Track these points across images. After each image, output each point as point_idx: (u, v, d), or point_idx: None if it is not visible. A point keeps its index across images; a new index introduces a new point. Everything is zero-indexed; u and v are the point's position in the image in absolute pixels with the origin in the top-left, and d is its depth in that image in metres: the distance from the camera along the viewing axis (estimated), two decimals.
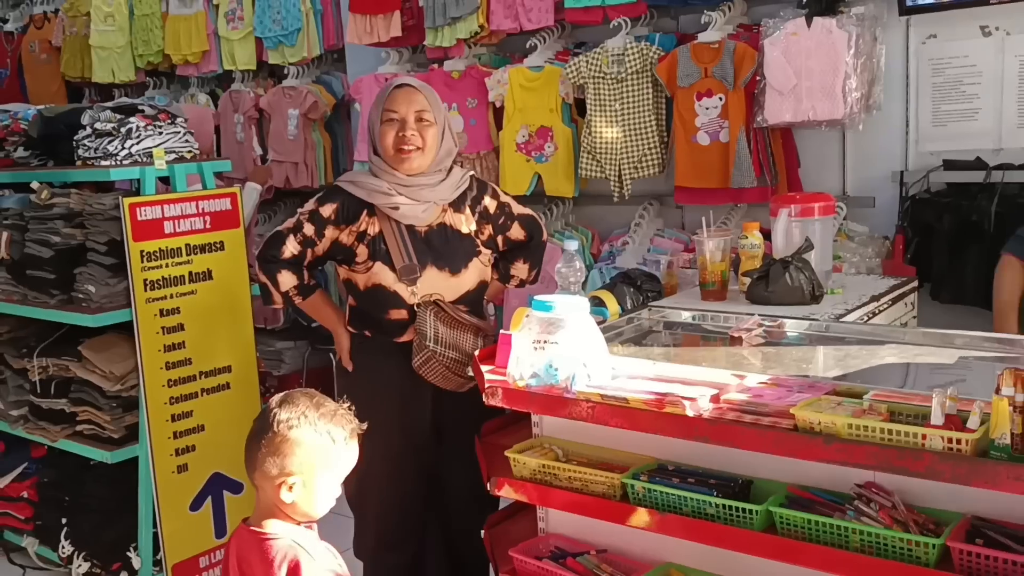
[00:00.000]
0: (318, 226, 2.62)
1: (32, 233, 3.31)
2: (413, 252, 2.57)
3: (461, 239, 2.63)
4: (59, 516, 3.43)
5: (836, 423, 1.65)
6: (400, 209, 2.56)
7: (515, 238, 2.74)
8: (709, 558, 2.00)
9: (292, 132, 4.84)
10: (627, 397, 1.87)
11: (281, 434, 1.78)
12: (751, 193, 3.54)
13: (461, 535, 2.76)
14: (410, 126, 2.55)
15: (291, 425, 1.78)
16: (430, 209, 2.60)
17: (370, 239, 2.58)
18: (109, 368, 3.22)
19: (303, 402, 1.82)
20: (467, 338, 2.61)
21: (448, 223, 2.63)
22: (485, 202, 2.68)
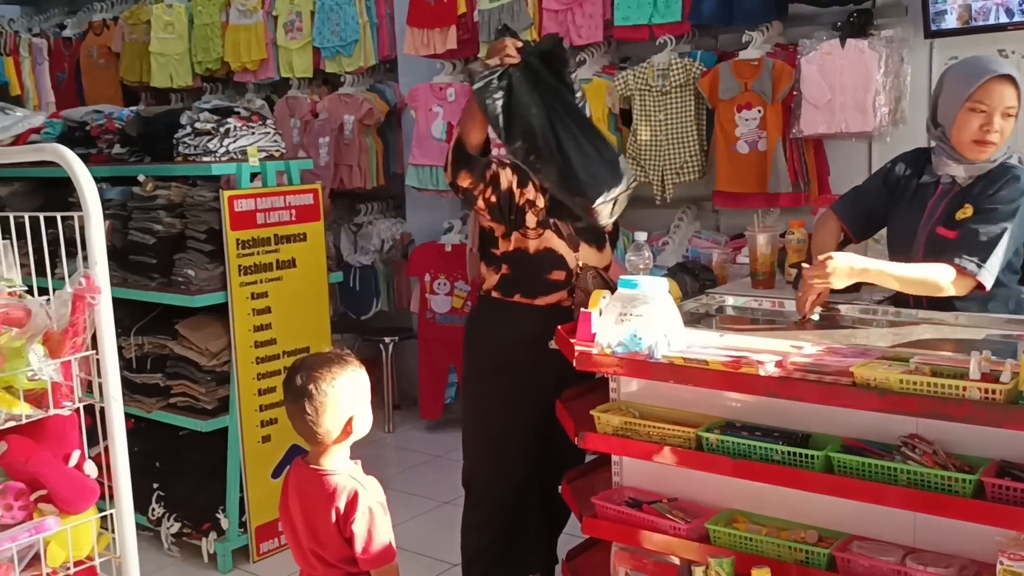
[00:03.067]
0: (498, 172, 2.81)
1: (135, 222, 3.63)
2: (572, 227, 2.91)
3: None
4: (150, 482, 3.74)
5: (889, 378, 1.98)
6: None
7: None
8: (768, 504, 2.32)
9: (347, 136, 5.17)
10: (707, 359, 2.20)
11: (324, 393, 2.02)
12: (786, 198, 3.88)
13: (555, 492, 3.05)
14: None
15: (330, 381, 2.04)
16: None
17: (539, 210, 2.85)
18: (205, 345, 3.54)
19: (318, 362, 2.07)
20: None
21: None
22: None
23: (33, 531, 1.69)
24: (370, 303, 5.30)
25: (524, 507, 2.98)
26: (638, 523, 2.40)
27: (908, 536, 2.14)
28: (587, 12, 4.28)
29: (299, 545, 2.13)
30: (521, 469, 2.94)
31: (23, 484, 1.74)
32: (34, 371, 1.70)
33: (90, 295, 1.75)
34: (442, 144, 4.76)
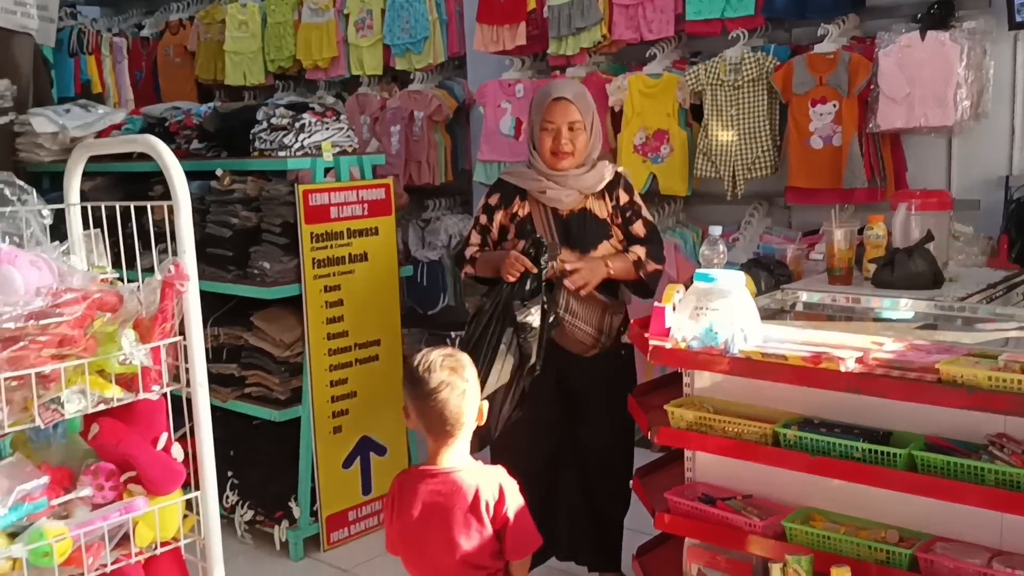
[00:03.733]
0: (489, 214, 3.09)
1: (213, 215, 3.71)
2: (556, 233, 2.94)
3: (597, 223, 2.99)
4: (224, 470, 3.81)
5: (978, 375, 1.93)
6: (547, 193, 2.97)
7: (636, 234, 3.06)
8: (846, 502, 2.28)
9: (417, 133, 5.21)
10: (786, 354, 2.17)
11: (467, 381, 2.08)
12: (860, 194, 3.81)
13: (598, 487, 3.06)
14: (564, 136, 2.95)
15: (469, 370, 2.09)
16: (573, 195, 2.98)
17: (520, 220, 3.01)
18: (280, 337, 3.61)
19: (447, 354, 2.10)
20: (593, 311, 2.97)
21: (588, 208, 3.00)
22: (620, 193, 3.03)
23: (123, 511, 1.74)
24: (437, 298, 5.33)
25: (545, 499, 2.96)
26: (713, 519, 2.38)
27: (994, 538, 2.08)
28: (658, 7, 4.25)
29: (429, 556, 2.03)
30: (532, 460, 2.94)
31: (113, 465, 1.79)
32: (125, 355, 1.75)
33: (179, 282, 1.80)
34: (510, 140, 4.78)
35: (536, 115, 3.00)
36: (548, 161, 2.98)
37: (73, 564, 1.68)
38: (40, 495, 1.68)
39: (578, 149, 2.95)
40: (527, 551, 2.05)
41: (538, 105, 3.01)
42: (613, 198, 3.01)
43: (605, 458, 3.08)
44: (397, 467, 3.87)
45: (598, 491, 3.08)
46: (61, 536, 1.64)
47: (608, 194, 3.01)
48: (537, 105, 3.02)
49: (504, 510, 2.02)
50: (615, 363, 3.04)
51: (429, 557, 2.02)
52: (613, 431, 3.06)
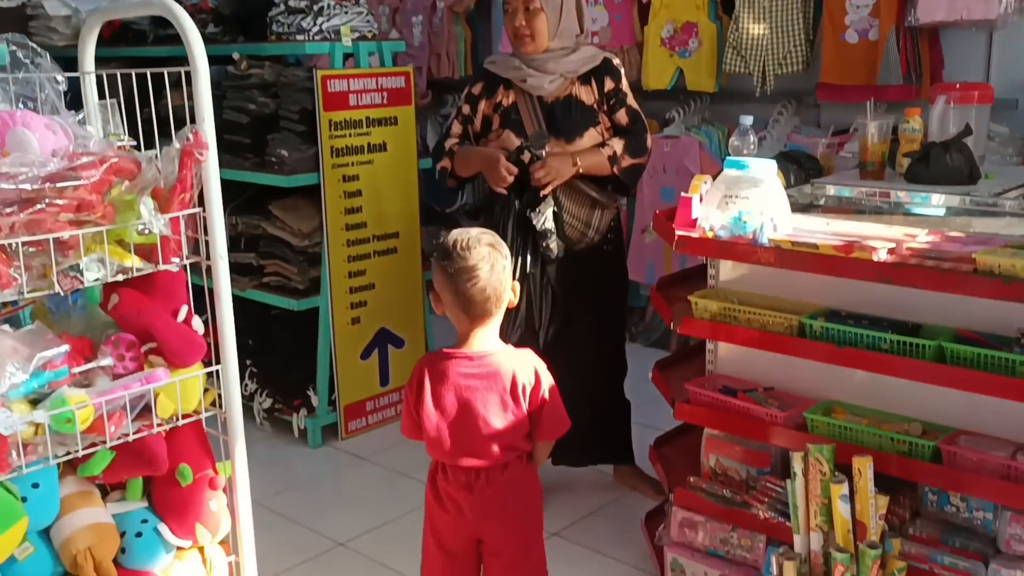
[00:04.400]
0: (472, 104, 3.01)
1: (229, 101, 3.64)
2: (543, 121, 2.88)
3: (582, 109, 2.91)
4: (243, 358, 3.80)
5: (1016, 265, 1.87)
6: (528, 81, 2.88)
7: (618, 122, 2.96)
8: (869, 395, 2.26)
9: (437, 24, 5.07)
10: (816, 243, 2.12)
11: (506, 257, 2.02)
12: (895, 91, 3.69)
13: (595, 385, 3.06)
14: (519, 17, 2.85)
15: (503, 249, 2.04)
16: (556, 81, 2.89)
17: (504, 109, 2.94)
18: (298, 226, 3.57)
19: (482, 233, 2.02)
20: (582, 205, 2.92)
21: (574, 94, 2.92)
22: (605, 79, 2.93)
23: (144, 381, 1.74)
24: (455, 195, 5.26)
25: None
26: (733, 410, 2.37)
27: (1020, 432, 2.06)
28: None
29: (462, 439, 1.99)
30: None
31: (133, 336, 1.78)
32: (144, 225, 1.71)
33: (198, 151, 1.75)
34: None
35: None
36: (513, 44, 2.91)
37: (95, 432, 1.68)
38: (61, 363, 1.67)
39: (537, 31, 2.85)
40: (559, 433, 2.04)
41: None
42: (599, 85, 2.92)
43: (598, 356, 3.06)
44: (415, 360, 3.86)
45: (596, 390, 3.07)
46: (83, 403, 1.64)
47: (595, 80, 2.92)
48: None
49: (540, 394, 2.00)
50: (601, 258, 2.99)
51: (461, 440, 1.99)
52: (604, 328, 3.05)
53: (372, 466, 3.51)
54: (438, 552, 2.09)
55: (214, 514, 1.86)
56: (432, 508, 2.07)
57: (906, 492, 2.21)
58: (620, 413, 3.17)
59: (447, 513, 2.05)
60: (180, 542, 1.84)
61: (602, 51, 2.98)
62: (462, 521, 2.05)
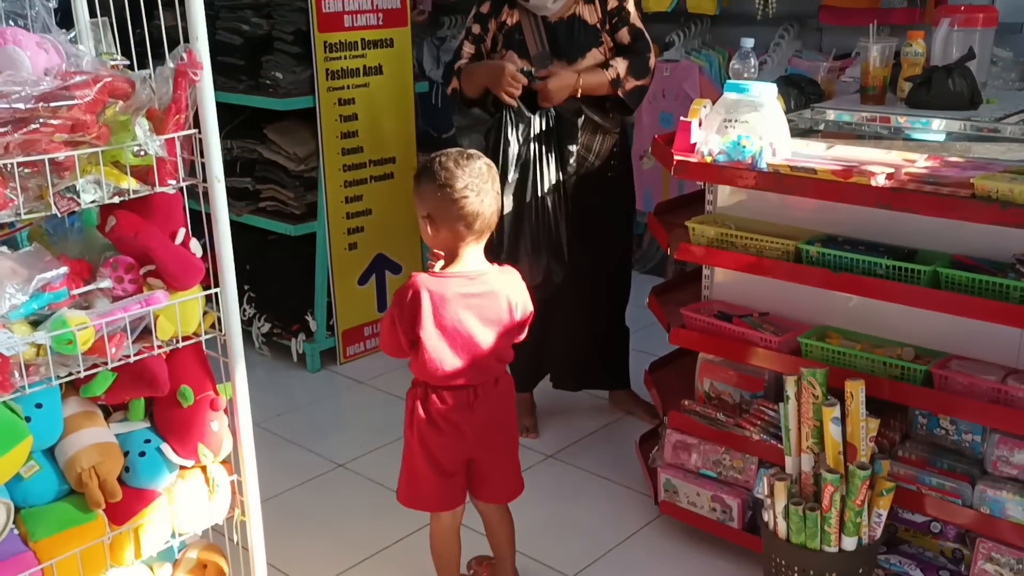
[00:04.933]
0: (482, 23, 2.96)
1: (222, 22, 3.58)
2: (546, 41, 2.84)
3: (586, 29, 2.88)
4: (240, 283, 3.80)
5: (1014, 190, 1.87)
6: (531, 0, 2.83)
7: (620, 40, 2.92)
8: (865, 321, 2.28)
9: None
10: (815, 168, 2.11)
11: (497, 180, 2.08)
12: (899, 14, 3.64)
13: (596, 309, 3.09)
14: None
15: (495, 174, 2.08)
16: (560, 0, 2.83)
17: (508, 29, 2.90)
18: (293, 150, 3.54)
19: (479, 154, 2.09)
20: (584, 130, 2.90)
21: (578, 13, 2.88)
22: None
23: (144, 303, 1.74)
24: (451, 121, 5.22)
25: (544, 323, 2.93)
26: (728, 335, 2.39)
27: (1011, 357, 2.09)
28: None
29: (457, 353, 2.03)
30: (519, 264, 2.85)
31: (132, 259, 1.78)
32: (139, 146, 1.70)
33: (192, 71, 1.73)
34: None
35: None
36: None
37: (96, 353, 1.69)
38: (60, 285, 1.67)
39: None
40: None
41: None
42: (603, 3, 2.88)
43: (601, 283, 3.07)
44: None
45: (597, 316, 3.10)
46: (83, 325, 1.64)
47: (598, 0, 2.88)
48: None
49: (527, 309, 2.10)
50: (605, 184, 2.98)
51: (462, 359, 2.03)
52: (608, 253, 3.05)
53: (370, 390, 3.55)
54: (433, 475, 2.12)
55: (216, 434, 1.88)
56: (425, 432, 2.08)
57: (897, 415, 2.25)
58: (620, 339, 3.20)
59: (443, 435, 2.08)
60: (183, 461, 1.86)
61: None
62: (460, 441, 2.09)
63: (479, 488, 2.20)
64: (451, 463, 2.12)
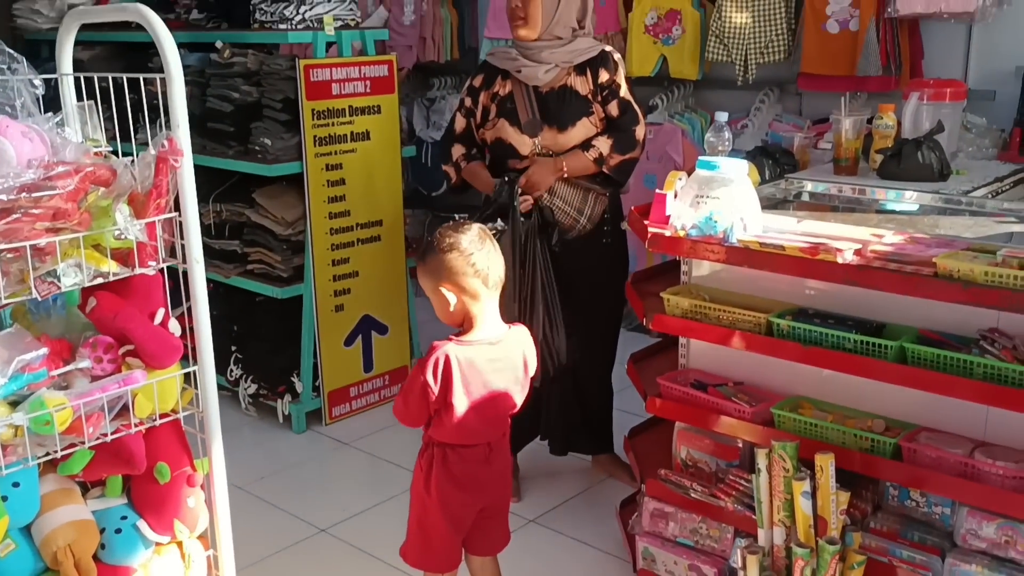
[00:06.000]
0: (473, 96, 3.05)
1: (213, 89, 3.65)
2: (537, 110, 2.91)
3: (577, 99, 2.94)
4: (228, 344, 3.87)
5: (974, 270, 1.92)
6: (523, 71, 2.92)
7: (610, 113, 2.98)
8: (836, 392, 2.32)
9: (423, 7, 5.07)
10: (783, 245, 2.16)
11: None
12: (874, 82, 3.73)
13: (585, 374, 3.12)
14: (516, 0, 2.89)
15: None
16: (552, 71, 2.91)
17: (500, 99, 2.98)
18: (281, 214, 3.60)
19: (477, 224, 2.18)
20: (575, 193, 2.96)
21: (569, 84, 2.95)
22: (600, 71, 2.95)
23: (122, 383, 1.77)
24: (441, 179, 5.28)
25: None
26: (703, 404, 2.42)
27: (979, 430, 2.12)
28: None
29: (486, 416, 2.10)
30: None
31: (111, 339, 1.82)
32: (120, 230, 1.74)
33: (173, 157, 1.78)
34: None
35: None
36: (511, 29, 2.95)
37: (74, 433, 1.72)
38: (40, 365, 1.71)
39: (530, 15, 2.87)
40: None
41: None
42: (594, 76, 2.95)
43: (590, 348, 3.10)
44: (399, 346, 3.93)
45: (585, 381, 3.13)
46: (61, 405, 1.67)
47: (590, 71, 2.95)
48: None
49: (535, 363, 2.22)
50: (599, 249, 3.03)
51: (488, 419, 2.11)
52: (598, 318, 3.09)
53: (355, 452, 3.56)
54: (450, 534, 2.17)
55: (192, 510, 1.91)
56: (447, 491, 2.12)
57: (869, 486, 2.27)
58: (605, 403, 3.23)
59: (465, 491, 2.14)
60: (159, 538, 1.89)
61: (600, 44, 2.99)
62: (480, 496, 2.17)
63: (478, 541, 2.25)
64: (469, 518, 2.19)
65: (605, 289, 3.07)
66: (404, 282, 3.91)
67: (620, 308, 3.20)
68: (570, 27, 2.94)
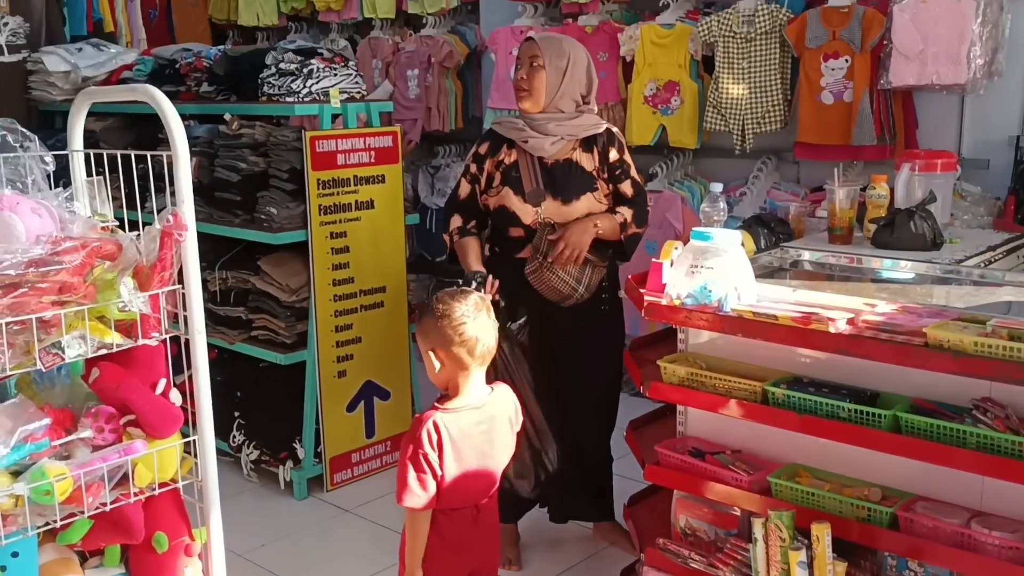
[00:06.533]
0: (478, 163, 3.09)
1: (221, 159, 3.74)
2: (541, 180, 2.96)
3: (582, 174, 3.00)
4: (231, 411, 3.90)
5: (964, 340, 1.95)
6: (529, 142, 2.97)
7: (623, 193, 3.06)
8: (833, 460, 2.32)
9: (428, 79, 5.19)
10: (776, 314, 2.19)
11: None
12: (870, 151, 3.79)
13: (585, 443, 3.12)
14: (522, 71, 2.98)
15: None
16: (559, 144, 2.97)
17: (505, 167, 3.02)
18: (286, 281, 3.65)
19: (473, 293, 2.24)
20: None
21: (575, 159, 3.00)
22: (611, 150, 3.02)
23: (122, 453, 1.80)
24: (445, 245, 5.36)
25: (533, 455, 3.02)
26: (700, 473, 2.43)
27: (975, 499, 2.12)
28: None
29: (477, 481, 2.14)
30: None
31: (113, 408, 1.85)
32: (124, 303, 1.79)
33: (177, 232, 1.83)
34: None
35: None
36: (516, 100, 3.02)
37: (74, 502, 1.74)
38: (42, 436, 1.74)
39: (534, 88, 2.94)
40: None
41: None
42: (603, 154, 3.00)
43: (588, 411, 3.12)
44: (401, 412, 3.95)
45: (584, 445, 3.13)
46: (62, 476, 1.70)
47: (597, 149, 3.00)
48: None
49: (520, 420, 2.27)
50: (597, 317, 3.05)
51: (478, 483, 2.14)
52: (596, 385, 3.11)
53: (356, 519, 3.56)
54: None
55: None
56: (442, 554, 2.14)
57: (867, 556, 2.26)
58: (604, 470, 3.23)
59: (456, 553, 2.16)
60: None
61: (603, 121, 3.06)
62: (469, 557, 2.19)
63: None
64: None
65: (603, 356, 3.10)
66: (406, 347, 3.94)
67: (619, 375, 3.22)
68: (574, 101, 3.00)
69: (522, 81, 2.97)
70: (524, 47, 3.01)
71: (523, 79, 2.96)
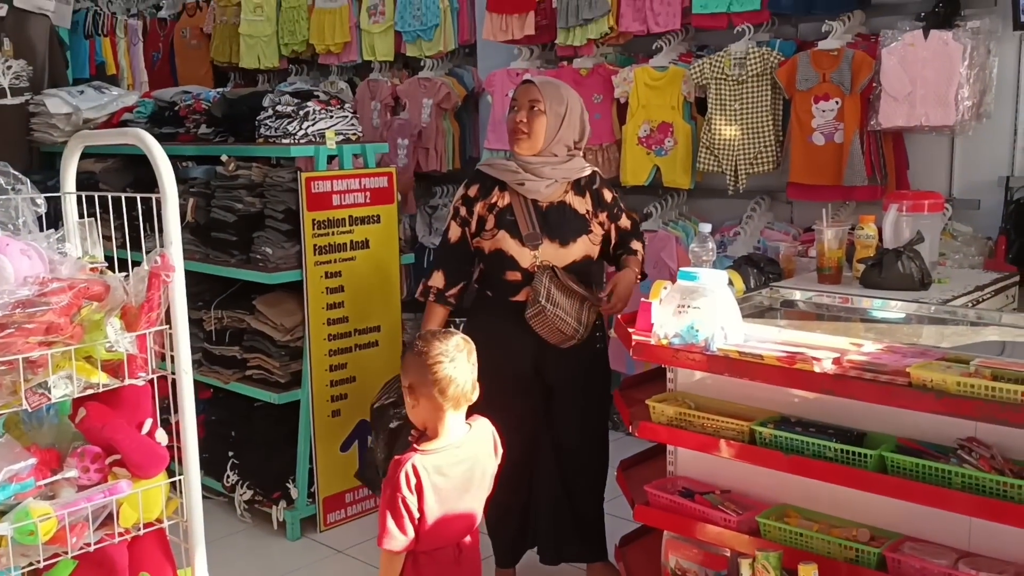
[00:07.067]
0: (468, 205, 3.08)
1: (218, 200, 3.77)
2: (537, 223, 2.97)
3: (576, 216, 3.02)
4: (225, 450, 3.89)
5: (947, 380, 1.95)
6: (525, 185, 2.98)
7: (623, 227, 3.12)
8: (821, 500, 2.32)
9: (425, 120, 5.25)
10: (762, 354, 2.20)
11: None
12: (861, 191, 3.82)
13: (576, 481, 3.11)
14: (521, 114, 2.99)
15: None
16: (553, 186, 2.99)
17: (499, 210, 3.01)
18: (280, 321, 3.67)
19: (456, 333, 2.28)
20: (573, 303, 2.98)
21: (568, 202, 3.02)
22: (604, 192, 3.07)
23: (107, 493, 1.81)
24: None
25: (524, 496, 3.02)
26: (690, 513, 2.42)
27: (963, 540, 2.12)
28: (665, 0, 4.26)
29: (458, 520, 2.16)
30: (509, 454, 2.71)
31: (99, 448, 1.86)
32: (111, 343, 1.81)
33: (165, 273, 1.86)
34: None
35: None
36: (509, 139, 3.02)
37: (57, 542, 1.75)
38: (27, 476, 1.75)
39: (534, 131, 2.95)
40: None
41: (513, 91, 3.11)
42: (596, 195, 3.03)
43: (581, 451, 3.11)
44: None
45: (576, 486, 3.13)
46: (46, 516, 1.71)
47: (589, 192, 3.03)
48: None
49: (500, 455, 2.28)
50: (590, 355, 3.06)
51: (459, 522, 2.15)
52: (588, 423, 3.10)
53: (349, 560, 3.54)
54: None
55: None
56: None
57: None
58: (596, 510, 3.22)
59: None
60: None
61: (588, 164, 3.09)
62: None
63: None
64: None
65: (596, 395, 3.10)
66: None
67: (608, 414, 3.22)
68: (567, 147, 3.02)
69: (521, 124, 2.97)
70: (522, 90, 3.02)
71: (522, 122, 2.97)
